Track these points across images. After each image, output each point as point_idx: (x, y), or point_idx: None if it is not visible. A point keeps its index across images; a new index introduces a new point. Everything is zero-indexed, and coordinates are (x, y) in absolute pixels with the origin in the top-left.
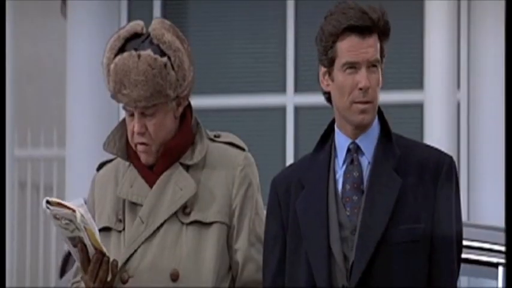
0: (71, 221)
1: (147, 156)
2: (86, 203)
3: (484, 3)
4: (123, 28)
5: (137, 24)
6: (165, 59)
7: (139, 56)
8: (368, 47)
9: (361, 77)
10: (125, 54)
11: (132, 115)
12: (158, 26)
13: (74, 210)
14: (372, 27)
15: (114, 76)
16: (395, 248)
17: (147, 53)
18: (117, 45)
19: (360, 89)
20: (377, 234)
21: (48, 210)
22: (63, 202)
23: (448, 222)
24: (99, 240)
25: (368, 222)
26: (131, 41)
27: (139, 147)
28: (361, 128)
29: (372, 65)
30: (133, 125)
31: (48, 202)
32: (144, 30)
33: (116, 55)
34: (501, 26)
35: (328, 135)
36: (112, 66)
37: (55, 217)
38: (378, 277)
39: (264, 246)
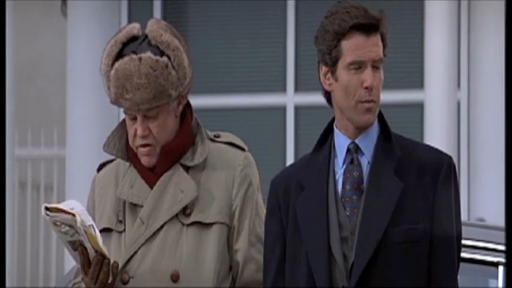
0: (71, 226)
1: (149, 158)
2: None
3: (484, 3)
4: (119, 32)
5: (133, 28)
6: (165, 59)
7: (140, 59)
8: (373, 45)
9: (367, 76)
10: (125, 58)
11: (134, 118)
12: (155, 26)
13: (73, 215)
14: (376, 25)
15: (115, 81)
16: (395, 249)
17: (148, 55)
18: (115, 50)
19: (366, 88)
20: (377, 235)
21: (47, 217)
22: (61, 207)
23: (447, 222)
24: (99, 243)
25: (368, 223)
26: (129, 45)
27: (142, 150)
28: (363, 128)
29: (376, 64)
30: (135, 129)
31: (47, 209)
32: (141, 33)
33: (114, 61)
34: (501, 26)
35: (327, 135)
36: (112, 72)
37: (54, 223)
38: (377, 277)
39: (264, 248)
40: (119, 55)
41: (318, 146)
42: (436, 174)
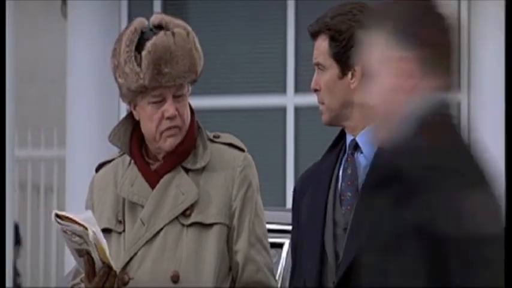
0: (80, 236)
1: (175, 139)
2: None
3: (484, 3)
4: (131, 25)
5: (143, 19)
6: (191, 35)
7: (173, 34)
8: (315, 50)
9: (313, 80)
10: (159, 35)
11: (161, 101)
12: (163, 16)
13: (86, 228)
14: (312, 32)
15: (152, 58)
16: None
17: (178, 30)
18: (136, 37)
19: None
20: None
21: (58, 225)
22: (74, 217)
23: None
24: (107, 255)
25: (357, 221)
26: (145, 32)
27: (168, 132)
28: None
29: (318, 67)
30: (163, 112)
31: (57, 216)
32: (150, 25)
33: (137, 46)
34: (501, 26)
35: (342, 134)
36: (146, 51)
37: (65, 231)
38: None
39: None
40: (139, 42)
41: (333, 144)
42: None
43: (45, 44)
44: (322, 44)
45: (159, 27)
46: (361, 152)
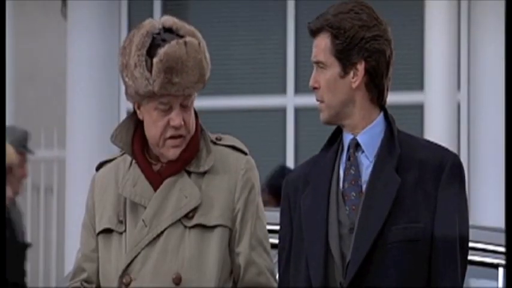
0: None
1: (178, 150)
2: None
3: (484, 3)
4: (142, 27)
5: (155, 21)
6: (202, 44)
7: (185, 43)
8: (314, 47)
9: (311, 77)
10: (172, 43)
11: (168, 110)
12: (175, 20)
13: None
14: (313, 29)
15: (163, 67)
16: (392, 247)
17: (191, 39)
18: (148, 41)
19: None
20: (373, 234)
21: None
22: None
23: (449, 222)
24: None
25: (365, 221)
26: (157, 35)
27: (172, 142)
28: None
29: (318, 65)
30: (168, 120)
31: None
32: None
33: (149, 50)
34: (501, 26)
35: (337, 133)
36: (157, 59)
37: None
38: (373, 276)
39: (278, 247)
40: (151, 46)
41: (327, 143)
42: (439, 173)
43: (45, 44)
44: (323, 42)
45: (170, 30)
46: (363, 152)
